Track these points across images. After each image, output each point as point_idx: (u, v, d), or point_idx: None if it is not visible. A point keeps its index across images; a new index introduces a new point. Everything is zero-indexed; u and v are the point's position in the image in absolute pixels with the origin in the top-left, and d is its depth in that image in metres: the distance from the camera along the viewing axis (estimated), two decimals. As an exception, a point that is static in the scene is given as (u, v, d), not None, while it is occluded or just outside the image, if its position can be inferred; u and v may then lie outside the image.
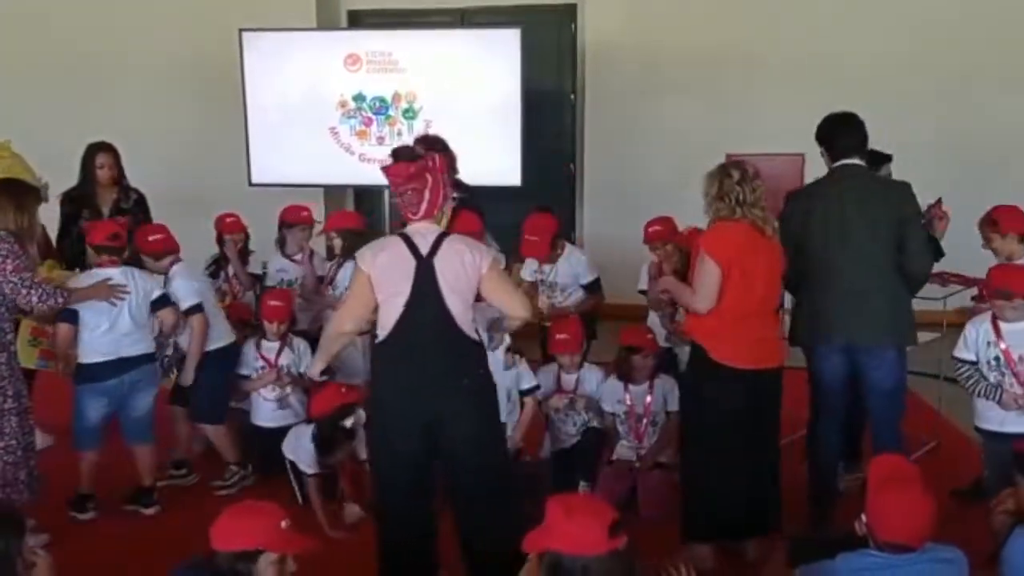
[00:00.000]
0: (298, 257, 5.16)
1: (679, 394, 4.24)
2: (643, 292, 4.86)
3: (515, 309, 3.23)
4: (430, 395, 3.10)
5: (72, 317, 4.06)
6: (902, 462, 2.80)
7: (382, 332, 3.14)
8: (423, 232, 3.12)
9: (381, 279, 3.10)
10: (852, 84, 7.10)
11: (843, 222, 3.83)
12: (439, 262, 3.08)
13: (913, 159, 4.77)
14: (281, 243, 5.21)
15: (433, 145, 5.01)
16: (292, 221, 5.17)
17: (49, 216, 5.04)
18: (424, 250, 3.09)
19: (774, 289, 3.71)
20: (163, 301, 4.24)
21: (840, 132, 3.97)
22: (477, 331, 3.21)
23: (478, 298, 3.22)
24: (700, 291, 3.54)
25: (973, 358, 3.87)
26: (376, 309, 3.17)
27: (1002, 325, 3.80)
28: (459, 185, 4.51)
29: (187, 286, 4.36)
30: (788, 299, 4.35)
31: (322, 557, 3.13)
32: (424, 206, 3.13)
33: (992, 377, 3.81)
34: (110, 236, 4.26)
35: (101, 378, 4.12)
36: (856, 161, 3.93)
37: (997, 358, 3.80)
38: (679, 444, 4.09)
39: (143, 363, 4.22)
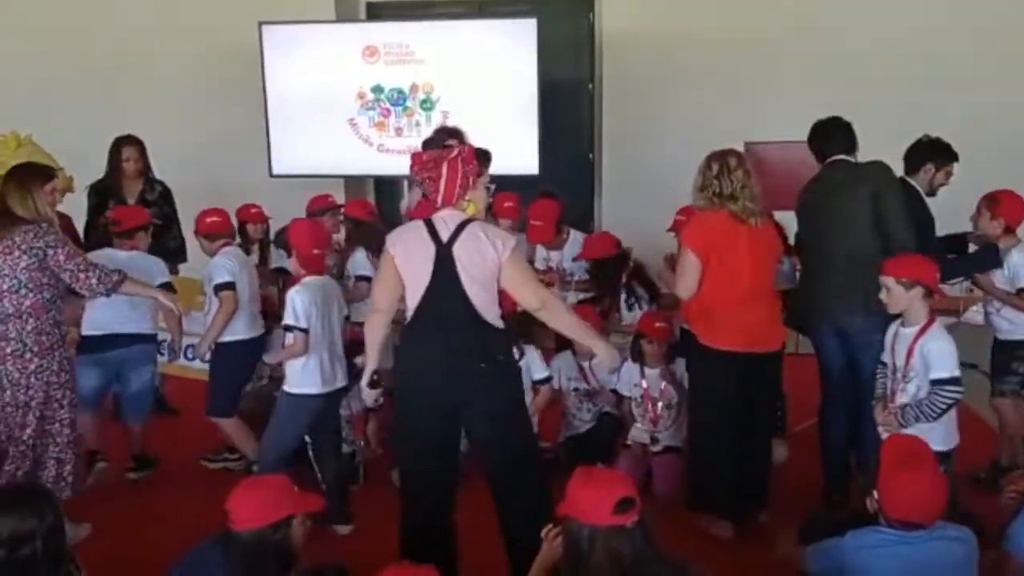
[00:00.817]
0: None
1: None
2: None
3: (526, 300, 3.27)
4: (449, 378, 3.16)
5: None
6: (915, 442, 2.82)
7: (407, 315, 3.22)
8: (446, 219, 3.18)
9: (404, 263, 3.18)
10: (871, 69, 7.11)
11: (826, 209, 4.02)
12: (458, 249, 3.13)
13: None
14: None
15: (452, 136, 5.13)
16: (320, 207, 5.20)
17: (76, 207, 5.16)
18: (444, 236, 3.14)
19: (763, 275, 3.81)
20: (166, 286, 4.34)
21: (825, 135, 4.19)
22: (502, 317, 3.25)
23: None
24: (680, 280, 3.80)
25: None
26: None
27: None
28: None
29: (224, 264, 4.35)
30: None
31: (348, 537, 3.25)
32: (440, 195, 3.18)
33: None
34: (112, 222, 4.45)
35: (95, 350, 4.34)
36: (843, 157, 4.10)
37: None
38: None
39: (138, 342, 4.43)
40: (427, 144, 4.82)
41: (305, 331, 3.87)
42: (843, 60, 7.21)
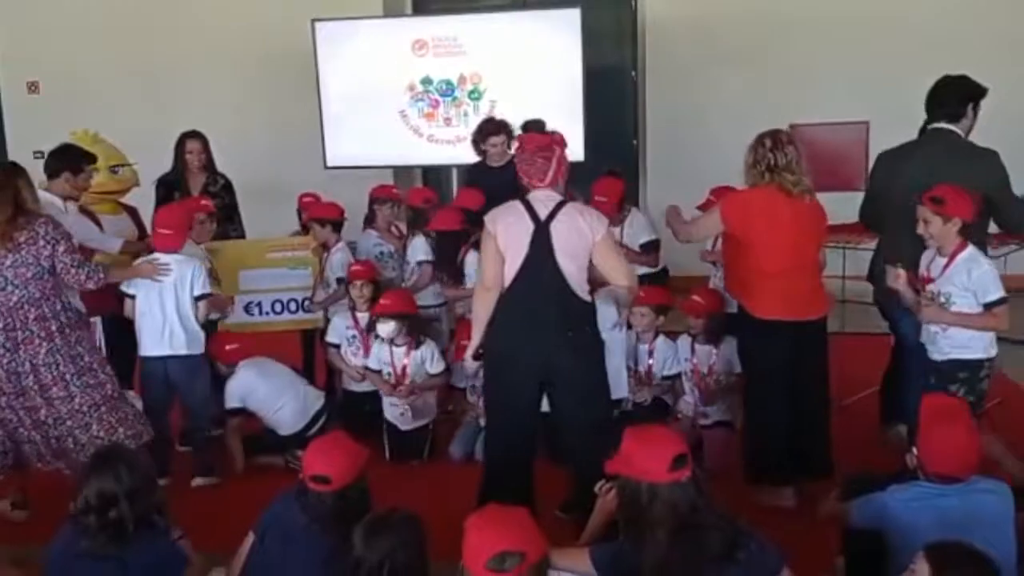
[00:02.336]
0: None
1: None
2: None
3: (619, 278, 3.55)
4: (542, 346, 3.46)
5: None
6: (951, 401, 2.94)
7: (503, 288, 3.51)
8: (543, 199, 3.49)
9: (505, 240, 3.47)
10: (918, 49, 7.08)
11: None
12: (555, 227, 3.44)
13: (982, 124, 4.76)
14: (370, 220, 5.47)
15: (500, 128, 5.35)
16: (382, 196, 5.42)
17: (142, 200, 5.43)
18: (543, 215, 3.45)
19: (807, 248, 3.92)
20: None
21: (932, 96, 4.11)
22: (590, 293, 3.56)
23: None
24: (693, 227, 4.05)
25: None
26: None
27: None
28: None
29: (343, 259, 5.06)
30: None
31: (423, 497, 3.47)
32: (550, 175, 3.52)
33: None
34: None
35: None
36: (944, 125, 4.05)
37: None
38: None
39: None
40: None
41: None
42: (889, 39, 7.23)
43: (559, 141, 3.67)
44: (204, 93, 7.98)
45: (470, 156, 5.71)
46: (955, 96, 4.07)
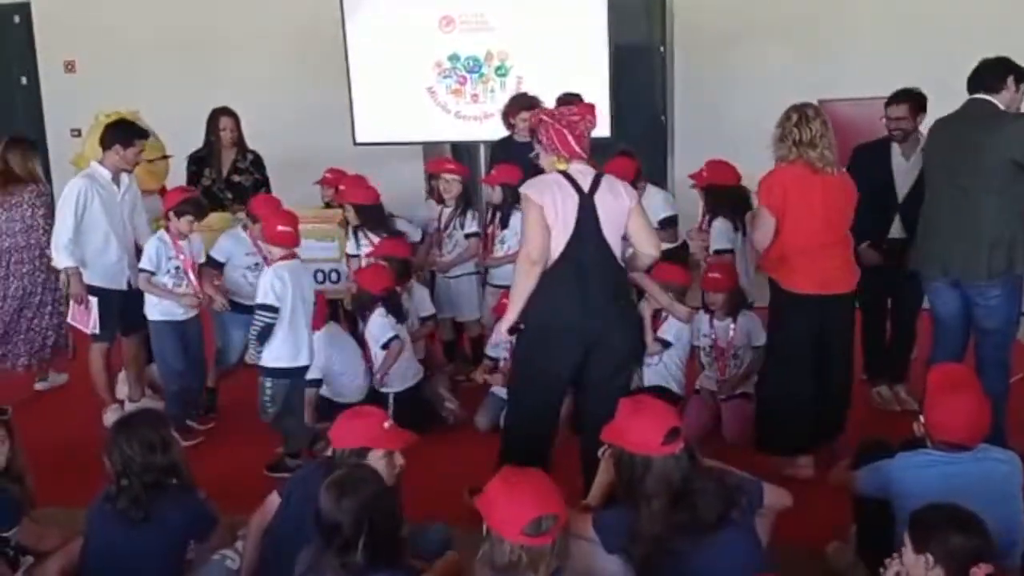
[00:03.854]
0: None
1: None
2: None
3: (650, 247, 3.59)
4: (594, 318, 3.46)
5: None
6: (960, 369, 2.97)
7: (549, 260, 3.47)
8: (582, 171, 3.51)
9: (553, 213, 3.44)
10: (947, 23, 7.03)
11: (952, 156, 4.00)
12: (599, 197, 3.46)
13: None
14: (432, 191, 5.58)
15: (531, 103, 5.40)
16: (437, 170, 5.48)
17: (172, 176, 5.61)
18: (585, 187, 3.47)
19: (837, 223, 3.96)
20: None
21: (972, 74, 4.07)
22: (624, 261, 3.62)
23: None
24: (756, 232, 4.04)
25: None
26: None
27: None
28: None
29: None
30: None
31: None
32: (582, 146, 3.52)
33: None
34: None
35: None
36: (982, 96, 4.00)
37: None
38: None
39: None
40: (510, 107, 5.35)
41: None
42: (917, 14, 7.15)
43: (586, 109, 3.62)
44: (236, 69, 8.08)
45: (498, 133, 5.75)
46: (993, 69, 4.04)
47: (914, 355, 4.92)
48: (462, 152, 8.01)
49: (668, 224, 5.15)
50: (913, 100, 4.68)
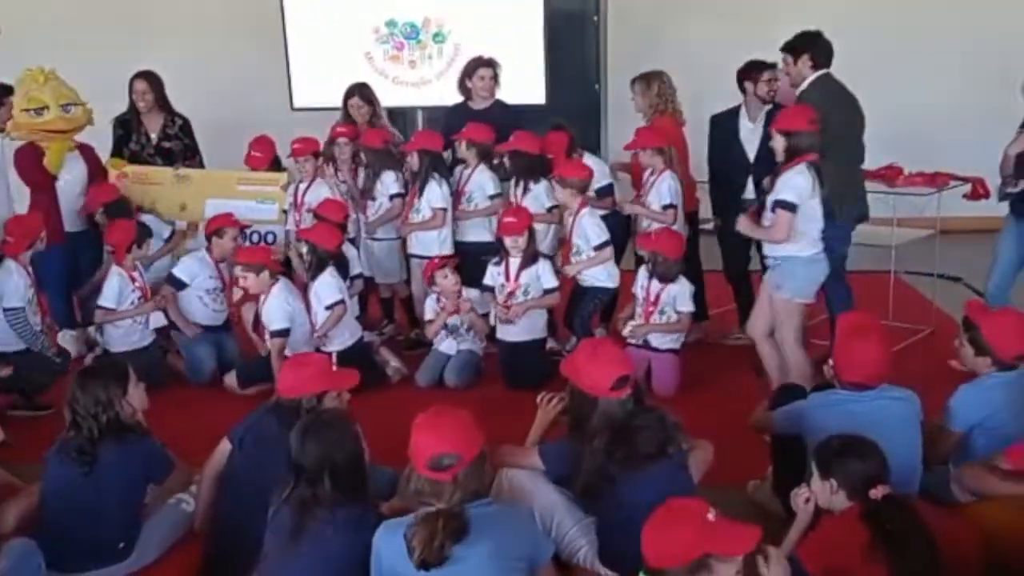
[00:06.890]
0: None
1: None
2: None
3: None
4: None
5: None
6: (864, 316, 3.24)
7: None
8: None
9: None
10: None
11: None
12: None
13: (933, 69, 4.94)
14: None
15: (487, 65, 5.71)
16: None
17: (95, 136, 5.63)
18: None
19: None
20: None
21: (826, 49, 4.69)
22: None
23: None
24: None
25: None
26: None
27: None
28: None
29: None
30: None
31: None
32: None
33: None
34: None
35: None
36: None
37: None
38: None
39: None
40: (467, 69, 5.59)
41: None
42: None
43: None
44: (168, 32, 7.98)
45: (434, 99, 5.82)
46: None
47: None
48: (398, 118, 8.10)
49: (606, 192, 5.34)
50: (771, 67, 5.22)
